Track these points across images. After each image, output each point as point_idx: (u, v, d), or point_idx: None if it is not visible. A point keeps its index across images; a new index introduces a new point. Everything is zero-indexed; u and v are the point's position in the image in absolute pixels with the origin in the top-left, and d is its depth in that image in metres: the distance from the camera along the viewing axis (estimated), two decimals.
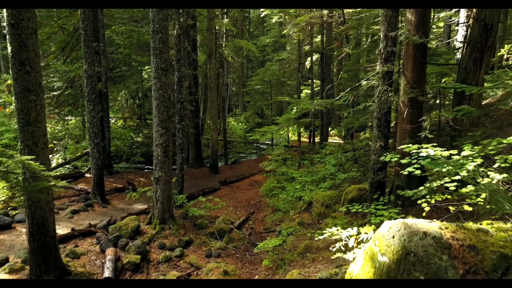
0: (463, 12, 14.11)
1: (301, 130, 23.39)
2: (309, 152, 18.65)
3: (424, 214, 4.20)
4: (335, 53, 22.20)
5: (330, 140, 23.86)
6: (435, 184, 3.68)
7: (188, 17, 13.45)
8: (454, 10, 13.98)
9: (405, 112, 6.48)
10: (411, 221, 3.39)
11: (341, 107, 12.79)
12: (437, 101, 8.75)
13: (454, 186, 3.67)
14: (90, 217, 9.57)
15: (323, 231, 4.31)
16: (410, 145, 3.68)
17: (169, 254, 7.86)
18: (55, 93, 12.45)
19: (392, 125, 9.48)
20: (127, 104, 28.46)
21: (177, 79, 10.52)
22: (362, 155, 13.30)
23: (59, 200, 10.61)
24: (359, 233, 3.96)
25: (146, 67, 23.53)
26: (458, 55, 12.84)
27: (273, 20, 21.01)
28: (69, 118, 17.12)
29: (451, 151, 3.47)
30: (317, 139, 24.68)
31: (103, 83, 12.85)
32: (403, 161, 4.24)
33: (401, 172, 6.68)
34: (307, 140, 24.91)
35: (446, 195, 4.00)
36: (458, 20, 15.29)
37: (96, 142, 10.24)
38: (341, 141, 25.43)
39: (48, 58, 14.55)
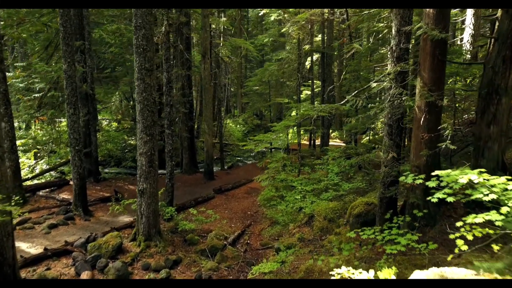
0: (469, 11, 13.23)
1: (301, 132, 22.56)
2: (309, 156, 17.79)
3: (456, 250, 3.36)
4: (335, 53, 21.33)
5: (331, 142, 23.01)
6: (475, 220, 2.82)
7: (180, 14, 12.60)
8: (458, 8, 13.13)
9: (422, 119, 5.61)
10: (449, 272, 2.54)
11: (345, 112, 11.93)
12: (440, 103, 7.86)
13: (501, 220, 2.83)
14: (69, 232, 8.70)
15: (330, 273, 3.45)
16: (449, 171, 2.81)
17: (153, 276, 7.01)
18: (36, 95, 11.58)
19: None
20: (121, 106, 27.63)
21: (166, 80, 9.65)
22: (367, 162, 12.44)
23: (37, 212, 9.74)
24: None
25: None
26: (466, 55, 11.93)
27: (272, 18, 20.15)
28: (60, 120, 16.27)
29: (503, 179, 2.61)
30: (317, 142, 23.84)
31: (89, 84, 11.97)
32: (431, 184, 3.37)
33: (425, 192, 5.83)
34: (307, 143, 24.06)
35: (487, 229, 3.16)
36: (464, 19, 14.43)
37: (78, 149, 9.37)
38: (343, 144, 24.59)
39: (33, 57, 13.71)
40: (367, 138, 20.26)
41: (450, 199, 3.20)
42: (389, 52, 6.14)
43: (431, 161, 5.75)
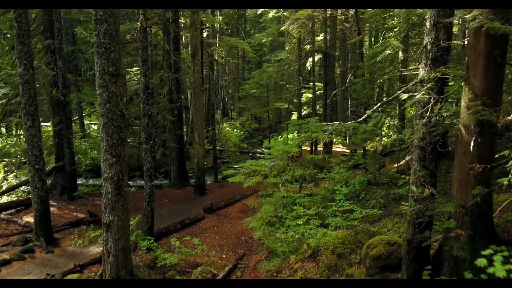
0: None
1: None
2: (311, 164, 16.30)
3: None
4: (336, 53, 19.84)
5: (334, 148, 21.55)
6: None
7: (166, 9, 11.12)
8: None
9: (471, 143, 4.13)
10: None
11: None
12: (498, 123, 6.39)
13: None
14: (24, 270, 7.19)
15: None
16: None
17: None
18: None
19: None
20: None
21: (143, 86, 8.14)
22: (381, 176, 10.98)
23: None
24: None
25: (135, 68, 21.25)
26: None
27: (270, 15, 18.68)
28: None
29: None
30: (319, 147, 22.35)
31: (61, 89, 10.47)
32: None
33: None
34: (308, 149, 22.57)
35: None
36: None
37: (38, 168, 7.87)
38: (347, 151, 23.08)
39: (1, 58, 12.21)
40: (374, 143, 18.74)
41: None
42: (422, 53, 4.66)
43: (481, 199, 4.28)
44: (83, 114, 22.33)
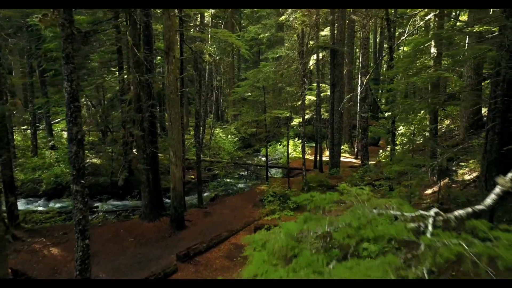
0: None
1: (299, 138, 18.34)
2: (316, 186, 13.50)
3: None
4: (342, 49, 17.04)
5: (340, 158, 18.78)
6: None
7: None
8: None
9: None
10: None
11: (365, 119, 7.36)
12: None
13: None
14: None
15: None
16: None
17: None
18: None
19: None
20: (89, 113, 23.46)
21: (68, 96, 5.30)
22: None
23: None
24: None
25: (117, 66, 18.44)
26: None
27: None
28: None
29: None
30: (324, 155, 19.61)
31: None
32: None
33: None
34: (312, 158, 19.77)
35: None
36: None
37: None
38: (354, 160, 20.31)
39: None
40: (386, 151, 15.96)
41: None
42: None
43: None
44: (52, 121, 19.50)
